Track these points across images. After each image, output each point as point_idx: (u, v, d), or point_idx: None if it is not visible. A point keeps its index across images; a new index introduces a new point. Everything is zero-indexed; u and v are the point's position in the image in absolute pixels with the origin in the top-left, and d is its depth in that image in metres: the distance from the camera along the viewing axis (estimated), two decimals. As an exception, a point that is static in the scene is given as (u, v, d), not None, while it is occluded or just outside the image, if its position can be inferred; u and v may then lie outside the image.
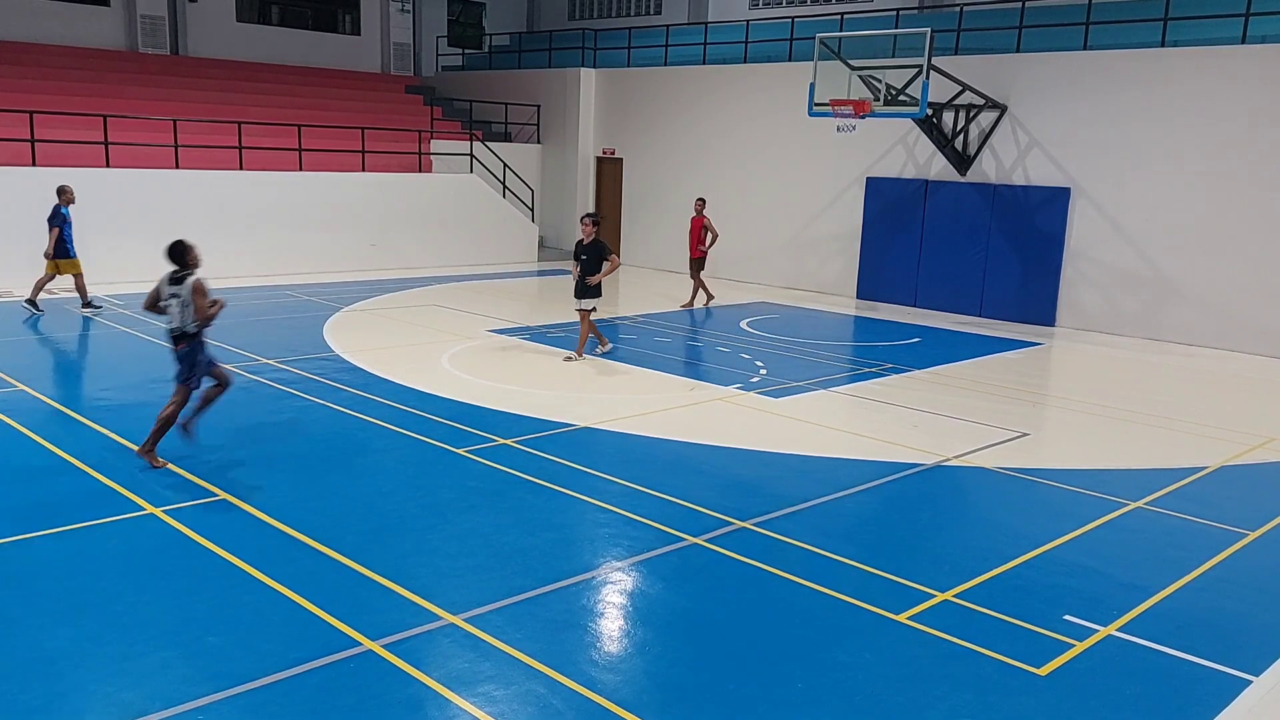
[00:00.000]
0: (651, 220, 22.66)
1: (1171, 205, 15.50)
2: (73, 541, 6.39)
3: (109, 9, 23.08)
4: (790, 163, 20.00)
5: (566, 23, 29.22)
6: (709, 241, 17.17)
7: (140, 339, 12.75)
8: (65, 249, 14.34)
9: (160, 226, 17.67)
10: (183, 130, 18.68)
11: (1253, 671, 5.29)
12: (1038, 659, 5.31)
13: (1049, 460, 9.21)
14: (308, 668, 4.93)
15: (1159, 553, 7.00)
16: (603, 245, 12.33)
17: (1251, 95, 14.68)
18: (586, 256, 12.23)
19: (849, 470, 8.55)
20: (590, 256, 12.21)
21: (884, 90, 15.58)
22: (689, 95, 21.92)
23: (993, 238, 17.41)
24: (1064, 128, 16.46)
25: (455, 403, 10.18)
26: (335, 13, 27.33)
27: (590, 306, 12.39)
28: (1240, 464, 9.07)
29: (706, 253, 17.31)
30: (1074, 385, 12.73)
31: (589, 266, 12.20)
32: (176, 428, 8.04)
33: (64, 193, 14.39)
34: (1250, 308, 14.96)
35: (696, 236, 17.15)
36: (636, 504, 7.45)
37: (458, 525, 6.96)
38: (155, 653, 5.03)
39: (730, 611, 5.83)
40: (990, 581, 6.31)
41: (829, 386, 11.70)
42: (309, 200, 19.51)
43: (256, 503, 7.13)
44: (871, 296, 19.01)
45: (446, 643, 5.27)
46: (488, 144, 23.59)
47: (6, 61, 20.09)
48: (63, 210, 14.32)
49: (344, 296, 16.86)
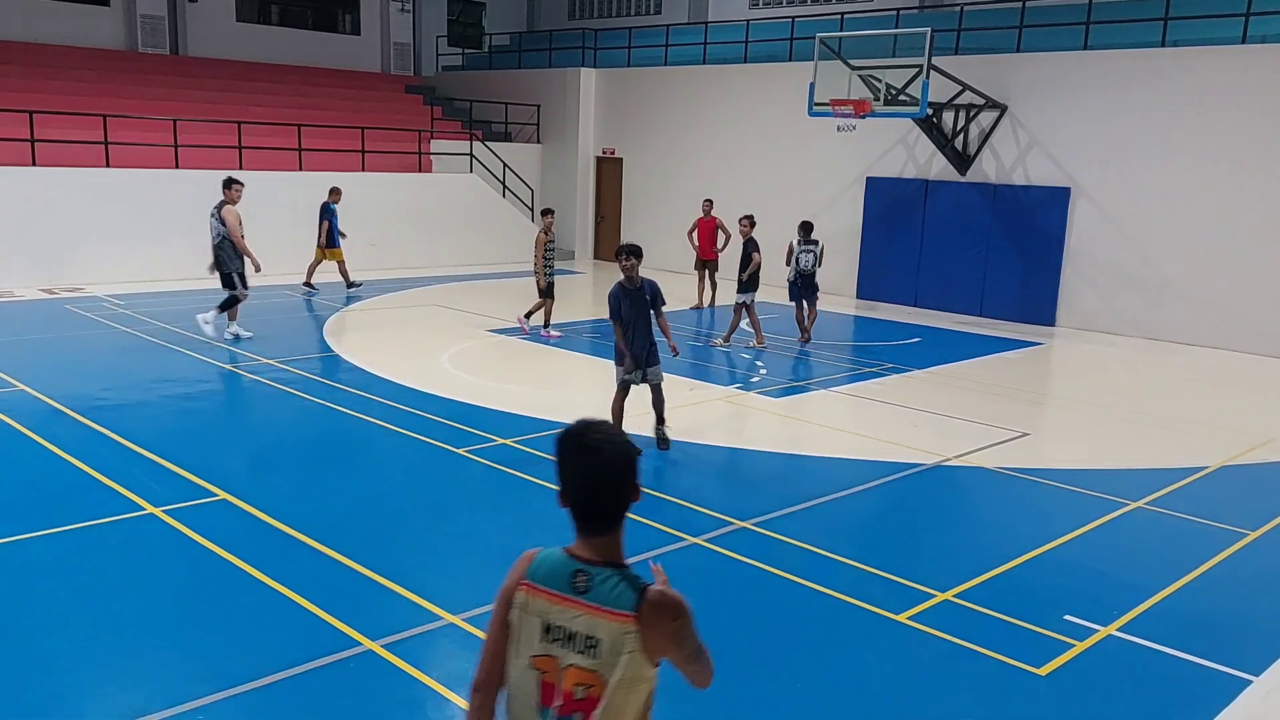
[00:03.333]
0: (651, 220, 22.64)
1: (1171, 205, 15.50)
2: (73, 541, 6.39)
3: (109, 9, 23.08)
4: (790, 163, 19.99)
5: (566, 22, 29.20)
6: (723, 243, 17.03)
7: (140, 339, 12.75)
8: (333, 239, 16.93)
9: (160, 226, 17.72)
10: (183, 130, 18.68)
11: (1253, 671, 5.28)
12: (1038, 659, 5.30)
13: (1049, 460, 9.21)
14: (308, 668, 4.93)
15: (1159, 553, 6.99)
16: (751, 243, 13.56)
17: (1251, 95, 14.68)
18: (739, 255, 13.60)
19: (849, 470, 8.55)
20: (741, 255, 13.60)
21: (884, 90, 15.58)
22: (689, 95, 21.92)
23: (993, 238, 17.41)
24: (1064, 127, 16.46)
25: (455, 403, 10.18)
26: (335, 12, 27.33)
27: (746, 299, 13.54)
28: (1240, 464, 9.07)
29: (719, 254, 17.20)
30: (1074, 385, 12.73)
31: (740, 263, 13.55)
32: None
33: (333, 192, 17.22)
34: (1250, 307, 14.95)
35: (710, 238, 17.05)
36: (636, 504, 7.43)
37: (458, 525, 6.96)
38: (155, 653, 5.03)
39: (730, 611, 5.82)
40: (990, 581, 6.31)
41: (829, 386, 11.70)
42: (309, 200, 19.49)
43: (256, 503, 7.12)
44: (871, 296, 19.01)
45: (446, 643, 5.27)
46: (488, 144, 23.59)
47: (6, 61, 20.09)
48: (331, 206, 16.98)
49: (344, 296, 16.86)
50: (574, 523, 2.41)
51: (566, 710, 2.34)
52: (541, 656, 2.37)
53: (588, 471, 2.38)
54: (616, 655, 2.32)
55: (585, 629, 2.34)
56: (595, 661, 2.32)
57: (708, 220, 17.12)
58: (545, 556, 2.42)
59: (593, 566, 2.38)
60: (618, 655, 2.32)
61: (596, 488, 2.38)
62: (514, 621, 2.41)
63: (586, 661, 2.33)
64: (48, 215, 16.50)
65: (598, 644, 2.33)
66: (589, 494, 2.39)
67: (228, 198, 12.51)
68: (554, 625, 2.37)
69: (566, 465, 2.40)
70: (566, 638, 2.35)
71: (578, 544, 2.43)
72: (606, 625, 2.33)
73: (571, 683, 2.33)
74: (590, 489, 2.38)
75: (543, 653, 2.37)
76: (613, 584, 2.36)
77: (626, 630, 2.32)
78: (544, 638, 2.37)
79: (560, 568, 2.40)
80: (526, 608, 2.40)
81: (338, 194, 17.31)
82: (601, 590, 2.35)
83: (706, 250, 17.08)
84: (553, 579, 2.39)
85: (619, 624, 2.32)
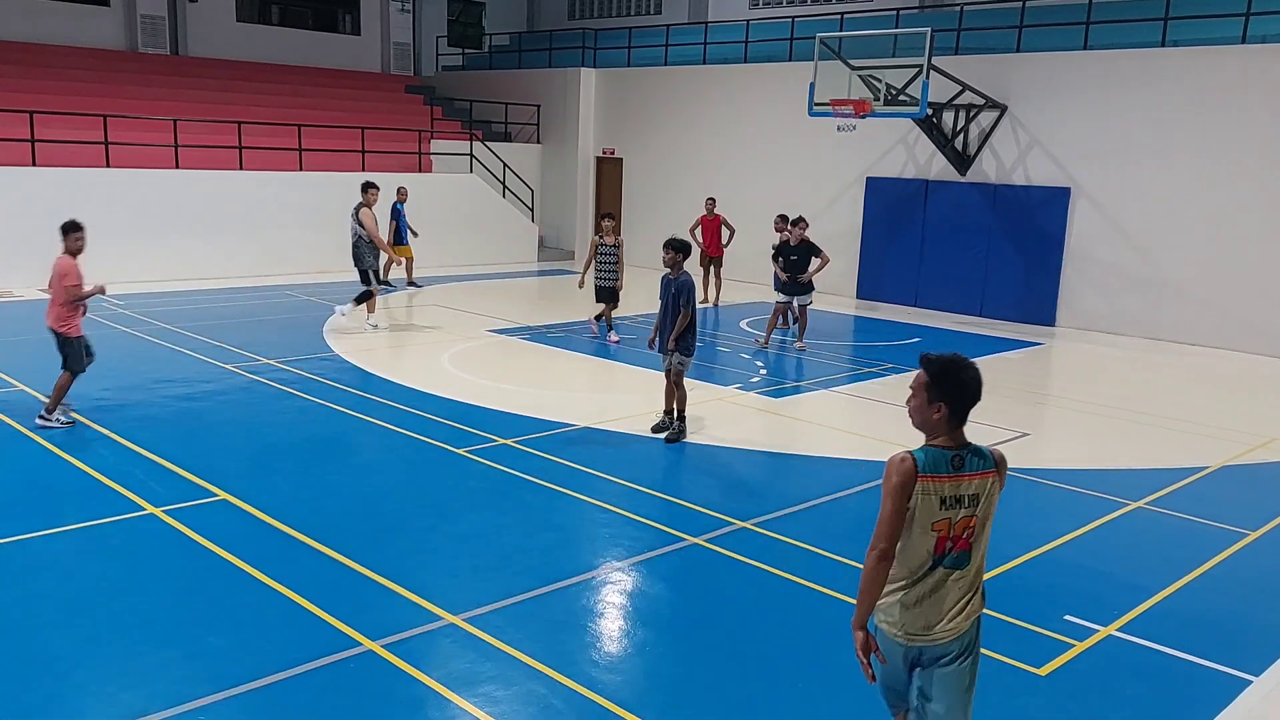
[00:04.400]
0: (651, 220, 22.63)
1: (1171, 205, 15.49)
2: (73, 541, 6.40)
3: (109, 9, 23.07)
4: (790, 163, 19.99)
5: (566, 22, 29.20)
6: (727, 239, 17.24)
7: (141, 339, 12.75)
8: (401, 237, 17.52)
9: (160, 226, 17.72)
10: (183, 130, 18.67)
11: (1253, 671, 5.28)
12: (1038, 659, 5.31)
13: (1050, 460, 9.21)
14: (308, 668, 4.93)
15: (1159, 553, 6.99)
16: (813, 245, 13.55)
17: (1251, 95, 14.68)
18: (797, 256, 13.53)
19: (849, 470, 8.55)
20: (800, 256, 13.52)
21: (884, 90, 15.57)
22: (689, 95, 21.92)
23: (993, 238, 17.41)
24: (1064, 128, 16.46)
25: (455, 403, 10.18)
26: (335, 13, 27.32)
27: (808, 301, 13.72)
28: (1240, 464, 9.07)
29: (724, 250, 17.35)
30: (1074, 385, 12.73)
31: (799, 265, 13.51)
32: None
33: (400, 192, 17.91)
34: (1250, 307, 14.95)
35: (714, 235, 17.17)
36: (637, 504, 7.45)
37: (458, 525, 6.96)
38: (155, 653, 5.03)
39: (730, 611, 5.83)
40: (990, 581, 6.27)
41: (829, 386, 11.70)
42: (309, 200, 19.50)
43: (256, 503, 7.13)
44: (871, 296, 19.00)
45: (447, 643, 5.27)
46: (488, 144, 23.58)
47: (6, 61, 20.08)
48: (398, 206, 17.66)
49: (344, 296, 16.83)
50: (947, 423, 3.45)
51: (957, 549, 3.47)
52: (940, 521, 3.42)
53: (971, 388, 3.47)
54: (989, 500, 3.47)
55: (970, 491, 3.43)
56: (976, 509, 3.46)
57: (711, 219, 17.25)
58: (923, 455, 3.43)
59: (962, 450, 3.45)
60: (990, 500, 3.48)
61: (972, 398, 3.47)
62: (914, 505, 3.40)
63: (972, 511, 3.45)
64: (48, 215, 16.41)
65: (978, 497, 3.45)
66: (966, 403, 3.46)
67: (365, 200, 13.52)
68: (947, 497, 3.42)
69: (952, 384, 3.47)
70: (956, 501, 3.42)
71: (941, 439, 3.46)
72: (981, 483, 3.45)
73: (961, 529, 3.45)
74: (968, 399, 3.46)
75: (941, 518, 3.42)
76: (976, 456, 3.47)
77: (991, 481, 3.47)
78: (940, 508, 3.41)
79: (940, 458, 3.43)
80: (925, 491, 3.39)
81: (404, 193, 17.99)
82: (972, 461, 3.46)
83: (713, 247, 17.25)
84: (938, 467, 3.42)
85: (988, 479, 3.46)
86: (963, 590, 3.51)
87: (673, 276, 9.03)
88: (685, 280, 9.00)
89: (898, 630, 3.54)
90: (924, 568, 3.48)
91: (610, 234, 13.66)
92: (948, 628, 3.50)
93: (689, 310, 8.96)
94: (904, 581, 3.51)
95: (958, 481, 3.43)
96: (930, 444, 3.47)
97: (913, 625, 3.51)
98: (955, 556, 3.48)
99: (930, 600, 3.49)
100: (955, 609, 3.50)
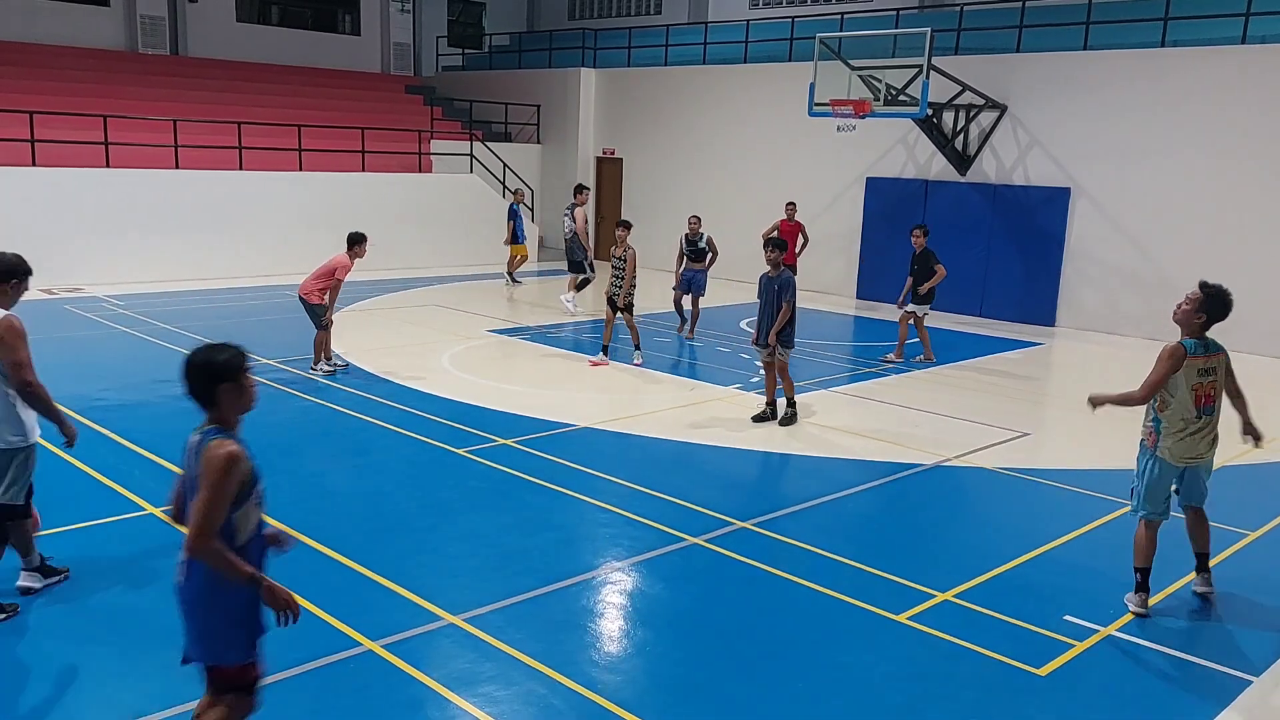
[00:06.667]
0: (652, 220, 22.62)
1: (1172, 205, 15.49)
2: (72, 541, 6.39)
3: (109, 9, 23.08)
4: (790, 163, 19.98)
5: (566, 23, 29.20)
6: (801, 246, 16.13)
7: (141, 339, 12.75)
8: (517, 236, 19.02)
9: (160, 227, 17.73)
10: (183, 130, 18.67)
11: (1253, 672, 5.29)
12: (1038, 659, 5.31)
13: (1049, 460, 9.21)
14: (308, 668, 4.93)
15: (1159, 553, 6.98)
16: (931, 255, 13.04)
17: (1251, 95, 14.67)
18: (918, 267, 13.03)
19: (849, 470, 8.55)
20: (921, 267, 12.99)
21: (884, 90, 15.57)
22: (689, 95, 21.91)
23: (993, 238, 17.40)
24: (1064, 128, 16.46)
25: (455, 403, 10.18)
26: (335, 13, 27.33)
27: (923, 312, 13.21)
28: (1240, 464, 9.06)
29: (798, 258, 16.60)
30: (1074, 385, 12.71)
31: (921, 276, 12.95)
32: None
33: (517, 193, 19.80)
34: (1250, 308, 14.75)
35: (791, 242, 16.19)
36: (637, 504, 7.45)
37: (458, 525, 6.96)
38: (155, 653, 5.02)
39: (730, 611, 5.83)
40: (990, 581, 6.31)
41: (829, 386, 11.70)
42: (309, 200, 19.50)
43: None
44: (871, 296, 18.98)
45: (447, 643, 5.27)
46: (488, 144, 23.58)
47: (6, 61, 20.09)
48: (514, 207, 19.11)
49: (344, 296, 16.77)
50: (1203, 326, 5.79)
51: (1200, 404, 5.73)
52: (1198, 384, 5.71)
53: (1226, 310, 5.77)
54: (1222, 367, 5.85)
55: (1212, 365, 5.77)
56: (1218, 377, 5.81)
57: (792, 225, 16.03)
58: (1188, 344, 5.73)
59: (1208, 340, 5.82)
60: (1221, 372, 5.84)
61: (1224, 317, 5.76)
62: (1180, 374, 5.66)
63: (1214, 379, 5.79)
64: (48, 215, 16.49)
65: (1216, 369, 5.81)
66: (1217, 318, 5.76)
67: (577, 201, 15.81)
68: (1203, 368, 5.73)
69: (1217, 305, 5.77)
70: (1208, 371, 5.76)
71: (1195, 334, 5.81)
72: (1219, 359, 5.83)
73: (1210, 390, 5.76)
74: (1220, 316, 5.75)
75: (1198, 381, 5.71)
76: (1213, 343, 5.82)
77: (1223, 359, 5.85)
78: (1197, 376, 5.70)
79: (1198, 345, 5.75)
80: (1190, 365, 5.68)
81: (520, 195, 19.65)
82: (1213, 344, 5.82)
83: (788, 254, 16.24)
84: (1196, 350, 5.71)
85: (1221, 358, 5.84)
86: (1210, 431, 5.81)
87: (773, 275, 9.80)
88: (787, 277, 9.77)
89: (1175, 459, 5.77)
90: (1193, 415, 5.69)
91: (620, 244, 12.82)
92: (1207, 454, 5.87)
93: (790, 306, 9.64)
94: (1181, 425, 5.71)
95: (1206, 360, 5.72)
96: (1187, 337, 5.75)
97: (1186, 453, 5.77)
98: (1208, 409, 5.74)
99: (1195, 437, 5.75)
100: (1206, 444, 5.82)
